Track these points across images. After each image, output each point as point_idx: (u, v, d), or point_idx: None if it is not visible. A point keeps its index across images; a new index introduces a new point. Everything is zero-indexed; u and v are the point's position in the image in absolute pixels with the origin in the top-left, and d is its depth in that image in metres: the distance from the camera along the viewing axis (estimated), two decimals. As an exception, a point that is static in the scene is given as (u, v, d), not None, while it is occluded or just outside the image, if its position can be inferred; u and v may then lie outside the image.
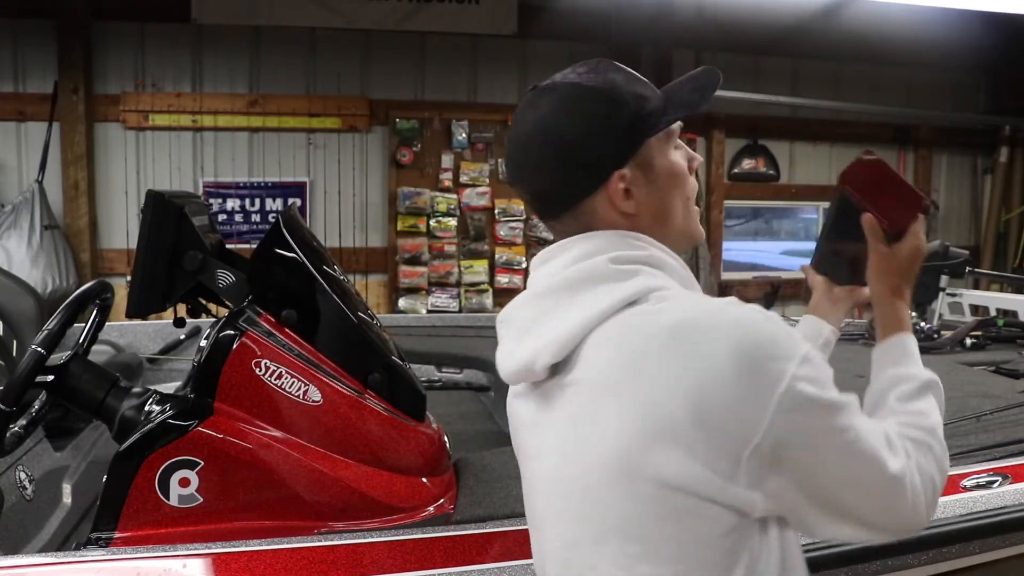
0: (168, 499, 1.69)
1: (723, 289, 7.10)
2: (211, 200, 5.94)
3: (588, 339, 0.96)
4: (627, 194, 1.02)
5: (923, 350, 1.20)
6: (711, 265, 6.92)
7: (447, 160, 6.38)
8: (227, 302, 2.11)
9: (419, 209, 6.28)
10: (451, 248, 6.38)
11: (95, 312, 2.12)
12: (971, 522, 1.67)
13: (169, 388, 2.12)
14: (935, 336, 3.69)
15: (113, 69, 5.88)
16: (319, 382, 1.76)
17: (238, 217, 6.10)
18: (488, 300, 6.43)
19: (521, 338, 1.03)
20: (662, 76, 6.86)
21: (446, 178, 6.37)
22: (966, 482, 1.76)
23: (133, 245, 2.70)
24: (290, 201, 6.05)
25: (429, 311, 6.22)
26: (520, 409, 1.11)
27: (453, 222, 6.35)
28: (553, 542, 1.03)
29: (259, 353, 1.77)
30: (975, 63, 7.40)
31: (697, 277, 5.26)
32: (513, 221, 6.47)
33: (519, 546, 1.40)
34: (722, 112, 6.96)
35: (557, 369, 1.00)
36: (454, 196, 6.34)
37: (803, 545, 1.03)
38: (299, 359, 1.79)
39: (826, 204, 7.53)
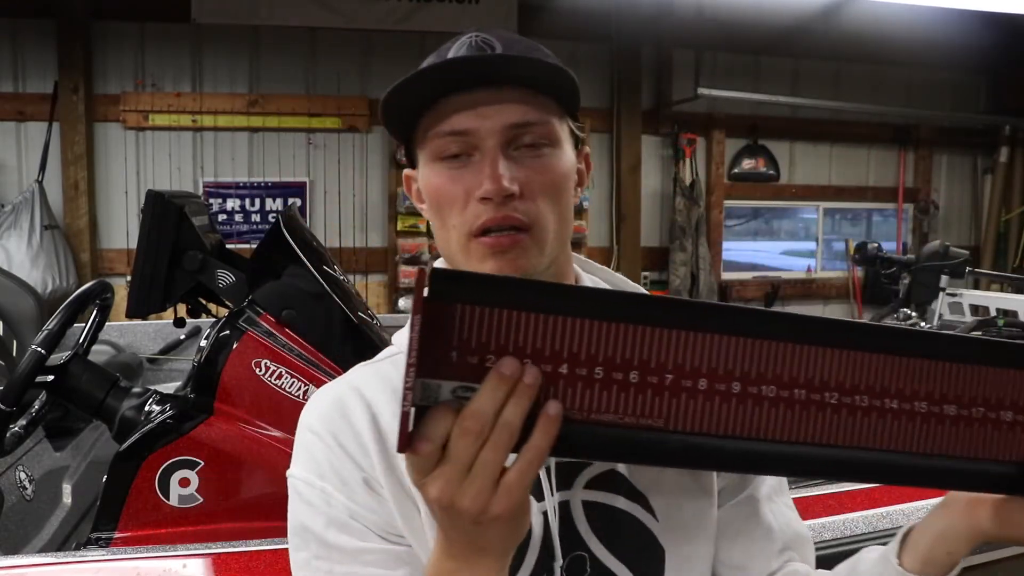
0: (168, 499, 1.70)
1: (723, 288, 7.10)
2: (211, 200, 5.93)
3: None
4: (419, 199, 0.93)
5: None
6: (711, 265, 6.92)
7: (447, 160, 6.37)
8: (227, 302, 2.12)
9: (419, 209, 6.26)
10: (451, 248, 6.37)
11: (95, 312, 2.12)
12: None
13: (169, 388, 2.12)
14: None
15: (113, 69, 5.87)
16: (319, 382, 1.76)
17: (238, 217, 6.10)
18: (488, 300, 6.41)
19: None
20: (662, 76, 6.89)
21: (446, 178, 6.36)
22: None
23: (133, 245, 2.70)
24: (290, 201, 6.05)
25: (429, 311, 6.20)
26: None
27: (453, 222, 6.33)
28: None
29: (259, 353, 1.77)
30: (975, 63, 7.40)
31: (696, 277, 5.24)
32: (513, 221, 6.46)
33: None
34: (722, 112, 6.96)
35: None
36: (454, 196, 6.33)
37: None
38: (299, 359, 1.79)
39: (828, 205, 7.57)
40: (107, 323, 2.16)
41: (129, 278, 2.47)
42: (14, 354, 3.27)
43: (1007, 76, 7.57)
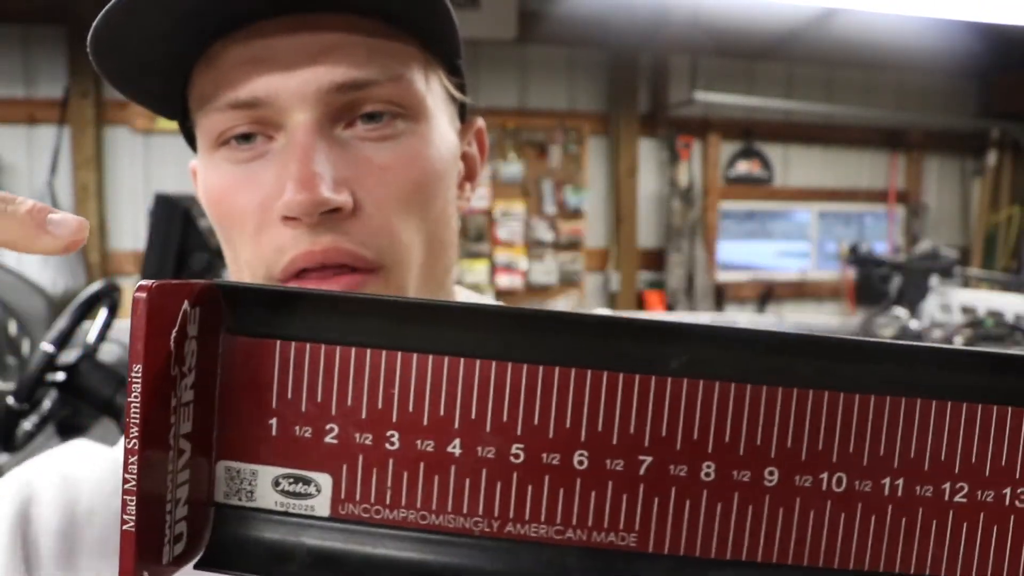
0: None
1: (719, 289, 7.19)
2: (216, 202, 6.02)
3: None
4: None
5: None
6: (707, 266, 7.02)
7: (447, 163, 6.46)
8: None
9: (419, 211, 6.35)
10: (451, 249, 6.45)
11: (104, 312, 2.22)
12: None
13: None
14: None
15: (121, 74, 5.98)
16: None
17: (242, 219, 6.20)
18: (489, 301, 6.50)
19: None
20: (659, 81, 6.98)
21: (446, 181, 6.45)
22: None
23: (141, 246, 2.81)
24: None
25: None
26: None
27: (453, 224, 6.42)
28: None
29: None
30: (965, 68, 7.48)
31: (693, 278, 5.37)
32: (512, 223, 6.57)
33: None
34: (718, 116, 7.06)
35: None
36: (454, 198, 6.43)
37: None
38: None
39: (821, 207, 7.66)
40: (116, 322, 2.25)
41: (138, 278, 2.55)
42: (24, 352, 3.36)
43: (996, 81, 7.65)
